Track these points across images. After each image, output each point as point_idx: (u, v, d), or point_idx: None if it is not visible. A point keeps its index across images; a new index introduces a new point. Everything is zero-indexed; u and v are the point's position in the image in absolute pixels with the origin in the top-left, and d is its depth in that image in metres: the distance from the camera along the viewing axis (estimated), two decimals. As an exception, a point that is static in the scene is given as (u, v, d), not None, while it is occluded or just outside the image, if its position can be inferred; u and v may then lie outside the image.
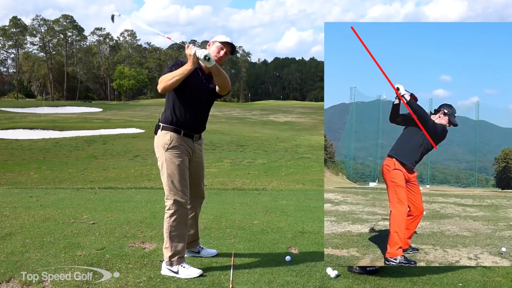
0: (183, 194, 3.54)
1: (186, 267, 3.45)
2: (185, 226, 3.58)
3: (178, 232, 3.51)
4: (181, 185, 3.53)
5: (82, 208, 6.17)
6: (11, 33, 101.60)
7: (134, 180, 14.41)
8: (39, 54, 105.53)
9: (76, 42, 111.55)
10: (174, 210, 3.50)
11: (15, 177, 15.76)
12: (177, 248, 3.49)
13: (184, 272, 3.40)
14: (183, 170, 3.57)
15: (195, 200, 3.82)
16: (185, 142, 3.61)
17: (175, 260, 3.46)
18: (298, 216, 5.81)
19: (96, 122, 39.25)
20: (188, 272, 3.40)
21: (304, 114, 60.71)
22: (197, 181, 3.81)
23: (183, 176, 3.56)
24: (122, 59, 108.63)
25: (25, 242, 4.19)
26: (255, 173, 16.14)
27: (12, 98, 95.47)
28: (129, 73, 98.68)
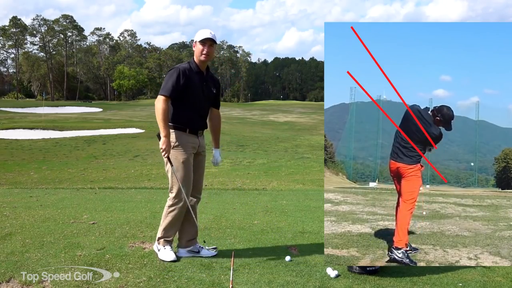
0: (185, 189, 3.77)
1: (166, 249, 3.77)
2: (180, 218, 3.86)
3: (173, 221, 3.83)
4: (184, 180, 3.77)
5: (82, 208, 6.17)
6: (11, 33, 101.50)
7: (134, 180, 14.41)
8: (39, 54, 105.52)
9: (76, 42, 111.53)
10: (174, 202, 3.79)
11: (15, 177, 15.76)
12: (167, 233, 3.83)
13: (162, 253, 3.76)
14: (187, 167, 3.79)
15: (193, 195, 3.96)
16: (191, 139, 3.82)
17: (161, 241, 3.82)
18: (298, 216, 5.81)
19: (96, 122, 39.26)
20: (164, 254, 3.74)
21: (304, 114, 60.71)
22: (199, 175, 3.98)
23: (187, 173, 3.78)
24: (122, 59, 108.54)
25: (25, 242, 4.19)
26: (255, 173, 16.14)
27: (12, 98, 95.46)
28: (129, 73, 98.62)
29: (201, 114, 3.88)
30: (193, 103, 3.79)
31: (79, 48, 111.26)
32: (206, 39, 3.74)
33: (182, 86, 3.71)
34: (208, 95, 3.91)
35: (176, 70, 3.75)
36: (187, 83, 3.73)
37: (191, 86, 3.75)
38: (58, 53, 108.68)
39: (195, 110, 3.82)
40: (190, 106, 3.79)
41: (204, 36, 3.74)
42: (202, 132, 3.94)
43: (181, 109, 3.77)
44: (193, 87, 3.76)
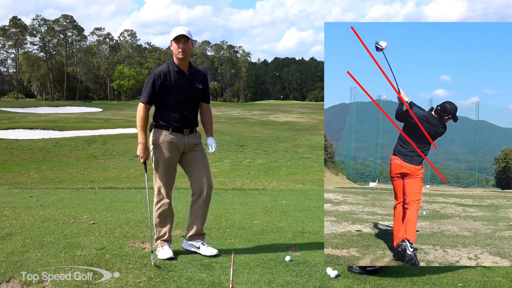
0: (164, 187, 3.89)
1: (164, 248, 3.84)
2: (167, 214, 3.93)
3: (160, 219, 3.92)
4: (163, 178, 3.89)
5: (82, 208, 6.17)
6: (11, 33, 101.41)
7: (134, 180, 14.40)
8: (39, 54, 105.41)
9: (76, 42, 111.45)
10: (157, 200, 3.92)
11: (15, 177, 15.76)
12: (160, 233, 3.92)
13: (160, 253, 3.83)
14: (167, 165, 3.87)
15: (195, 192, 3.99)
16: (175, 138, 3.85)
17: (159, 242, 3.91)
18: (298, 216, 5.81)
19: (96, 122, 39.26)
20: (161, 253, 3.81)
21: (304, 114, 60.69)
22: (195, 173, 3.96)
23: (166, 170, 3.88)
24: (122, 59, 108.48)
25: (25, 242, 4.19)
26: (255, 173, 16.14)
27: (12, 98, 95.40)
28: (129, 73, 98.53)
29: (185, 113, 3.86)
30: (174, 103, 3.81)
31: (79, 48, 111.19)
32: (179, 35, 3.74)
33: (159, 90, 3.78)
34: (194, 92, 3.89)
35: (152, 75, 3.83)
36: (164, 85, 3.77)
37: (169, 87, 3.78)
38: (58, 53, 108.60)
39: (177, 110, 3.82)
40: (171, 106, 3.81)
41: (177, 33, 3.74)
42: (189, 130, 3.91)
43: (162, 109, 3.83)
44: (172, 88, 3.78)
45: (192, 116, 3.95)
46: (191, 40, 3.82)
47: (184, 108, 3.86)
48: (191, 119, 3.94)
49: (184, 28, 3.77)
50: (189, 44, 3.80)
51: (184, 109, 3.86)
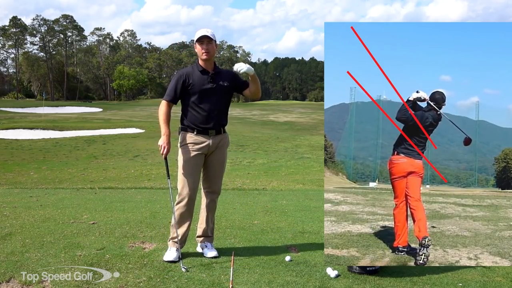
0: (186, 188, 3.84)
1: (171, 250, 3.82)
2: (184, 216, 3.89)
3: (178, 219, 3.88)
4: (187, 179, 3.84)
5: (82, 208, 6.17)
6: (11, 33, 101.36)
7: (134, 180, 14.40)
8: (39, 54, 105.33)
9: (76, 42, 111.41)
10: (179, 200, 3.88)
11: (15, 177, 15.76)
12: (174, 234, 3.87)
13: (166, 254, 3.81)
14: (191, 166, 3.85)
15: (207, 193, 4.03)
16: (200, 139, 3.85)
17: (170, 242, 3.90)
18: (298, 216, 5.81)
19: (96, 122, 39.27)
20: (167, 255, 3.78)
21: (304, 114, 60.67)
22: (212, 174, 3.99)
23: (190, 171, 3.85)
24: (122, 59, 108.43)
25: (25, 242, 4.19)
26: (255, 173, 16.14)
27: (12, 98, 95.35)
28: (129, 73, 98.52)
29: (210, 113, 3.83)
30: (199, 104, 3.81)
31: (79, 48, 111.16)
32: (202, 36, 3.78)
33: (183, 90, 3.81)
34: (219, 91, 3.86)
35: (177, 74, 3.88)
36: (188, 85, 3.80)
37: (192, 86, 3.80)
38: (58, 53, 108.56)
39: (203, 110, 3.82)
40: (196, 106, 3.82)
41: (200, 34, 3.78)
42: (215, 131, 3.89)
43: (187, 111, 3.86)
44: (195, 87, 3.80)
45: (219, 116, 3.91)
46: (215, 41, 3.83)
47: (210, 108, 3.83)
48: (218, 119, 3.90)
49: (207, 30, 3.79)
50: (213, 45, 3.82)
51: (210, 109, 3.84)
